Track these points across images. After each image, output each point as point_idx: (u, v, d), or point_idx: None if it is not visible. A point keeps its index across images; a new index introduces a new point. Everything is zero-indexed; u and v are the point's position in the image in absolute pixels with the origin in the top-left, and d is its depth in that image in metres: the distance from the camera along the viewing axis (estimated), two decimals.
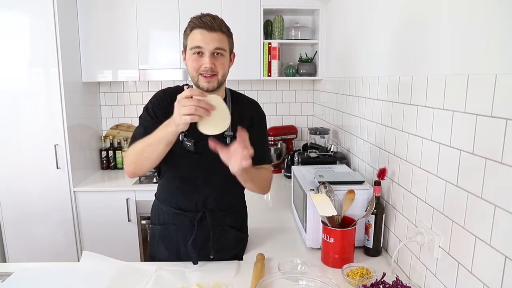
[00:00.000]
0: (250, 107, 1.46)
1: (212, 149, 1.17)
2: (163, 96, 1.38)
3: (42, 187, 2.52)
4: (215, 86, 1.28)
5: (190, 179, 1.38)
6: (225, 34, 1.27)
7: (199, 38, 1.23)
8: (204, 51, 1.23)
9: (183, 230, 1.40)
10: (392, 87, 1.45)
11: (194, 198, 1.39)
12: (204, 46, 1.22)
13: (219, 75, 1.27)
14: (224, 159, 1.14)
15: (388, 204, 1.49)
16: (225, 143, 1.32)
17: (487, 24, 0.91)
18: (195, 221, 1.38)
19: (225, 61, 1.28)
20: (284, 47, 3.00)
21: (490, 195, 0.89)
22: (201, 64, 1.23)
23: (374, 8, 1.69)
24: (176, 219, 1.42)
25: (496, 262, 0.86)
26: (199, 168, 1.36)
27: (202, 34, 1.23)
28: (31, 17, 2.34)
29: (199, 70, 1.24)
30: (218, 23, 1.24)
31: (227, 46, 1.28)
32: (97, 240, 2.63)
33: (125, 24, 2.66)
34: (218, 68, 1.25)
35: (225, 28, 1.27)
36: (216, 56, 1.25)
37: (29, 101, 2.42)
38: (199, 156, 1.34)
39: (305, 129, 3.11)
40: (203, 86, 1.26)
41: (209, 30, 1.22)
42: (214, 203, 1.40)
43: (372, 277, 1.21)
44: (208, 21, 1.23)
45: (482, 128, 0.91)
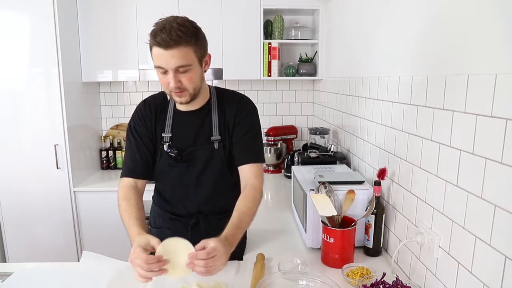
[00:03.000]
0: (234, 105, 1.35)
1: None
2: (143, 110, 1.35)
3: (42, 187, 2.52)
4: (188, 100, 1.23)
5: (180, 187, 1.38)
6: (188, 45, 1.13)
7: (158, 58, 1.14)
8: (167, 70, 1.15)
9: (178, 235, 1.38)
10: (392, 87, 1.45)
11: (186, 204, 1.40)
12: (165, 66, 1.14)
13: (190, 89, 1.20)
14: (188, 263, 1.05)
15: (388, 204, 1.49)
16: (213, 149, 1.32)
17: (487, 24, 0.91)
18: (189, 226, 1.38)
19: (193, 75, 1.19)
20: (284, 47, 3.00)
21: (490, 195, 0.89)
22: (168, 82, 1.17)
23: (375, 7, 1.69)
24: (170, 224, 1.43)
25: (496, 262, 0.86)
26: (188, 176, 1.35)
27: (160, 53, 1.13)
28: (31, 17, 2.34)
29: (167, 87, 1.19)
30: (175, 37, 1.10)
31: (193, 58, 1.17)
32: (97, 240, 2.63)
33: (125, 24, 2.66)
34: (185, 84, 1.18)
35: (186, 38, 1.12)
36: (181, 72, 1.16)
37: (29, 101, 2.42)
38: (186, 164, 1.34)
39: (305, 129, 3.11)
40: (177, 101, 1.24)
41: (166, 48, 1.11)
42: (207, 208, 1.39)
43: (372, 277, 1.21)
44: (164, 38, 1.10)
45: (482, 128, 0.91)
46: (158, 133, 1.35)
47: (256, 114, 1.39)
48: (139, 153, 1.33)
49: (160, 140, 1.34)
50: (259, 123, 1.40)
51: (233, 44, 2.71)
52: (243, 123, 1.34)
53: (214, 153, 1.33)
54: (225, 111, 1.34)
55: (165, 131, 1.33)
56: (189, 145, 1.33)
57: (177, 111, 1.34)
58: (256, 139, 1.37)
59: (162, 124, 1.34)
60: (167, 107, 1.35)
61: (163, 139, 1.33)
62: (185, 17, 1.18)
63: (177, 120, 1.34)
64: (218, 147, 1.32)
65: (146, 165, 1.34)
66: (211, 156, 1.33)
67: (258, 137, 1.38)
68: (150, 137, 1.34)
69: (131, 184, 1.32)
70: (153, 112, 1.35)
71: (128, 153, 1.35)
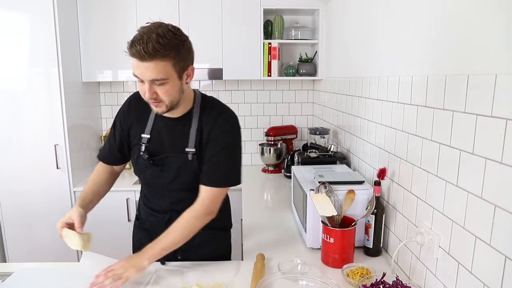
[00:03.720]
0: (211, 121, 1.29)
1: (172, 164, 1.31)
2: (127, 107, 1.40)
3: (42, 187, 2.52)
4: (164, 111, 1.20)
5: (155, 188, 1.42)
6: (165, 59, 1.09)
7: (135, 68, 1.11)
8: (143, 79, 1.12)
9: (155, 228, 1.41)
10: (392, 87, 1.45)
11: (161, 202, 1.42)
12: (140, 77, 1.12)
13: (166, 102, 1.17)
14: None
15: (388, 204, 1.49)
16: (186, 159, 1.30)
17: (487, 24, 0.91)
18: (163, 221, 1.40)
19: (170, 88, 1.14)
20: (284, 47, 3.00)
21: (490, 195, 0.89)
22: (144, 91, 1.15)
23: (375, 7, 1.69)
24: (150, 218, 1.47)
25: (496, 262, 0.86)
26: (161, 179, 1.36)
27: (136, 64, 1.10)
28: (31, 17, 2.34)
29: (144, 96, 1.17)
30: (151, 50, 1.05)
31: (170, 72, 1.11)
32: (97, 240, 2.61)
33: (125, 24, 2.66)
34: (161, 96, 1.15)
35: (163, 51, 1.07)
36: (158, 84, 1.13)
37: (29, 101, 2.42)
38: (159, 168, 1.34)
39: (305, 129, 3.10)
40: (154, 110, 1.23)
41: (141, 60, 1.08)
42: (180, 207, 1.36)
43: (372, 277, 1.21)
44: (139, 50, 1.06)
45: (482, 128, 0.91)
46: (137, 133, 1.35)
47: (233, 133, 1.32)
48: (111, 144, 1.42)
49: (139, 139, 1.35)
50: (235, 143, 1.32)
51: (233, 44, 2.71)
52: (216, 142, 1.28)
53: (187, 163, 1.31)
54: (203, 123, 1.29)
55: (144, 132, 1.34)
56: (163, 151, 1.32)
57: (159, 115, 1.29)
58: (225, 163, 1.30)
59: (143, 124, 1.34)
60: (151, 108, 1.28)
61: (141, 139, 1.34)
62: (170, 26, 1.12)
63: (157, 124, 1.33)
64: (192, 159, 1.30)
65: (116, 156, 1.43)
66: (184, 166, 1.31)
67: (228, 160, 1.31)
68: (124, 136, 1.39)
69: (108, 167, 1.46)
70: (135, 112, 1.37)
71: (107, 141, 1.45)
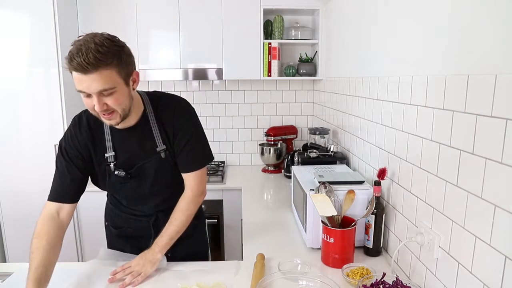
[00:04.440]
0: (169, 113, 1.30)
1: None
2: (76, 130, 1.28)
3: (42, 187, 2.50)
4: (119, 121, 1.17)
5: (135, 199, 1.40)
6: (109, 67, 1.06)
7: (79, 83, 1.06)
8: (89, 93, 1.08)
9: (140, 231, 1.43)
10: (392, 87, 1.45)
11: (144, 208, 1.42)
12: (86, 91, 1.07)
13: (119, 110, 1.14)
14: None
15: (388, 204, 1.49)
16: (160, 159, 1.31)
17: (487, 24, 0.91)
18: (150, 224, 1.41)
19: (119, 96, 1.12)
20: (284, 47, 3.00)
21: (490, 195, 0.89)
22: (93, 105, 1.10)
23: (375, 7, 1.69)
24: (131, 223, 1.46)
25: (496, 262, 0.86)
26: (141, 188, 1.35)
27: (79, 78, 1.05)
28: (31, 17, 2.34)
29: (94, 110, 1.12)
30: (93, 60, 1.02)
31: (116, 79, 1.09)
32: (97, 240, 2.62)
33: (125, 24, 2.66)
34: (112, 106, 1.11)
35: (106, 60, 1.05)
36: (106, 95, 1.09)
37: (29, 101, 2.42)
38: (137, 179, 1.33)
39: (305, 129, 3.10)
40: (107, 123, 1.18)
41: (85, 73, 1.03)
42: (165, 206, 1.40)
43: (372, 277, 1.21)
44: (80, 62, 1.01)
45: (482, 128, 0.91)
46: (98, 155, 1.29)
47: (193, 118, 1.35)
48: (69, 175, 1.26)
49: (104, 160, 1.29)
50: (198, 124, 1.36)
51: (233, 44, 2.71)
52: (182, 131, 1.30)
53: (162, 163, 1.32)
54: (162, 120, 1.29)
55: (107, 151, 1.28)
56: (135, 161, 1.30)
57: (114, 128, 1.26)
58: (198, 145, 1.34)
59: (102, 143, 1.28)
60: (103, 125, 1.27)
61: (107, 159, 1.29)
62: (105, 35, 1.10)
63: (117, 138, 1.29)
64: (165, 156, 1.31)
65: (75, 188, 1.28)
66: (160, 166, 1.32)
67: (199, 142, 1.35)
68: (82, 158, 1.28)
69: (52, 213, 1.25)
70: (87, 132, 1.28)
71: (57, 174, 1.28)
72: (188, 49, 2.69)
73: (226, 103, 3.07)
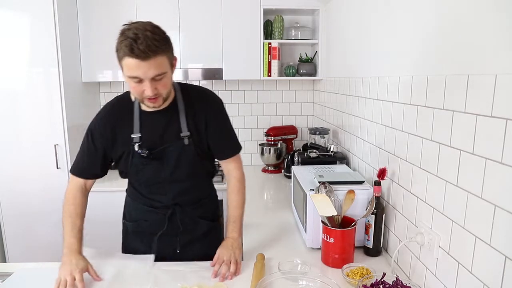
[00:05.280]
0: (202, 104, 1.37)
1: None
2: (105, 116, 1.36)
3: (42, 187, 2.52)
4: (161, 104, 1.26)
5: (155, 184, 1.41)
6: (163, 53, 1.14)
7: (135, 69, 1.12)
8: (142, 79, 1.14)
9: (155, 225, 1.44)
10: (392, 87, 1.45)
11: (162, 198, 1.43)
12: (141, 76, 1.13)
13: (163, 94, 1.22)
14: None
15: (388, 204, 1.49)
16: (183, 144, 1.34)
17: (487, 24, 0.91)
18: (166, 217, 1.43)
19: (167, 79, 1.20)
20: (284, 47, 3.00)
21: (490, 195, 0.89)
22: (143, 90, 1.16)
23: (375, 8, 1.69)
24: (147, 216, 1.47)
25: (496, 262, 0.86)
26: (162, 172, 1.38)
27: (136, 64, 1.11)
28: (31, 17, 2.34)
29: (141, 95, 1.19)
30: (153, 47, 1.09)
31: (167, 65, 1.17)
32: (97, 240, 2.62)
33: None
34: (161, 90, 1.19)
35: (162, 47, 1.12)
36: (157, 79, 1.16)
37: (29, 101, 2.42)
38: (159, 162, 1.36)
39: (305, 129, 3.10)
40: (149, 106, 1.25)
41: (144, 59, 1.10)
42: (182, 199, 1.44)
43: (372, 277, 1.21)
44: (143, 49, 1.08)
45: (482, 128, 0.91)
46: (125, 135, 1.34)
47: (224, 107, 1.45)
48: (90, 156, 1.36)
49: (130, 141, 1.33)
50: (227, 114, 1.46)
51: (233, 44, 2.71)
52: (217, 121, 1.39)
53: (185, 149, 1.35)
54: (194, 109, 1.36)
55: (134, 132, 1.33)
56: (159, 143, 1.34)
57: (143, 111, 1.34)
58: (230, 132, 1.46)
59: (130, 125, 1.34)
60: (133, 108, 1.34)
61: (133, 140, 1.33)
62: (151, 23, 1.15)
63: (145, 120, 1.34)
64: (189, 143, 1.35)
65: (96, 168, 1.39)
66: (183, 152, 1.36)
67: (231, 129, 1.47)
68: (107, 144, 1.35)
69: (80, 185, 1.40)
70: (116, 116, 1.35)
71: (81, 153, 1.39)
72: (188, 49, 2.69)
73: (226, 103, 3.03)
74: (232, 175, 1.47)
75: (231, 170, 1.47)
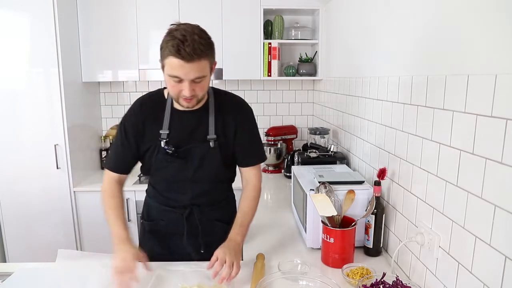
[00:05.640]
0: (233, 111, 1.39)
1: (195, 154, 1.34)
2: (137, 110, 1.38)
3: (42, 187, 2.52)
4: (195, 105, 1.29)
5: (176, 182, 1.42)
6: (207, 58, 1.17)
7: (177, 69, 1.15)
8: (183, 80, 1.17)
9: (172, 225, 1.45)
10: (392, 87, 1.45)
11: (181, 197, 1.43)
12: (182, 77, 1.16)
13: (199, 96, 1.25)
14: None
15: (388, 204, 1.49)
16: (208, 147, 1.35)
17: (487, 24, 0.91)
18: (183, 217, 1.43)
19: (206, 82, 1.24)
20: (284, 47, 3.00)
21: (490, 195, 0.89)
22: (181, 90, 1.20)
23: (375, 8, 1.69)
24: (165, 215, 1.47)
25: (496, 262, 0.86)
26: (184, 171, 1.38)
27: (180, 64, 1.13)
28: (31, 17, 2.34)
29: (179, 94, 1.22)
30: (199, 51, 1.12)
31: (207, 69, 1.20)
32: (97, 240, 2.63)
33: (125, 24, 2.66)
34: (198, 92, 1.22)
35: (206, 51, 1.16)
36: (196, 82, 1.19)
37: (29, 101, 2.42)
38: (183, 160, 1.36)
39: (305, 129, 3.10)
40: (183, 105, 1.27)
41: (188, 61, 1.12)
42: (201, 200, 1.44)
43: (372, 277, 1.21)
44: (189, 52, 1.11)
45: (482, 128, 0.91)
46: (153, 131, 1.36)
47: (254, 117, 1.46)
48: (125, 151, 1.38)
49: (157, 136, 1.35)
50: (256, 123, 1.47)
51: (233, 44, 2.71)
52: (245, 127, 1.41)
53: (210, 151, 1.36)
54: (224, 113, 1.37)
55: (162, 128, 1.35)
56: (185, 142, 1.36)
57: (175, 109, 1.36)
58: (258, 141, 1.47)
59: (159, 122, 1.36)
60: (165, 105, 1.37)
61: (160, 135, 1.35)
62: (199, 27, 1.19)
63: (175, 118, 1.36)
64: (214, 146, 1.36)
65: (130, 162, 1.42)
66: (207, 154, 1.37)
67: (259, 138, 1.48)
68: (138, 137, 1.37)
69: (117, 179, 1.41)
70: (148, 111, 1.37)
71: (115, 147, 1.42)
72: None
73: None
74: (251, 183, 1.45)
75: (251, 177, 1.45)
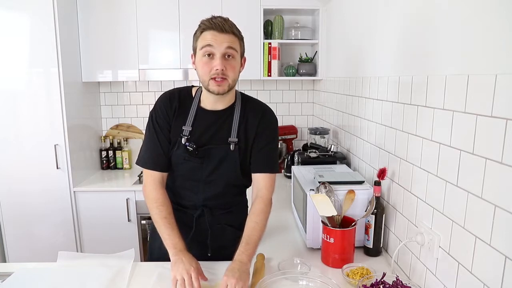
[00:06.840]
0: (258, 115, 1.39)
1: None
2: (166, 102, 1.37)
3: (42, 187, 2.52)
4: (225, 90, 1.27)
5: (191, 180, 1.40)
6: (237, 36, 1.26)
7: (210, 38, 1.22)
8: (215, 52, 1.22)
9: (182, 226, 1.41)
10: (392, 87, 1.45)
11: (193, 197, 1.41)
12: (215, 46, 1.21)
13: (230, 79, 1.25)
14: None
15: (388, 204, 1.49)
16: (228, 149, 1.34)
17: (487, 24, 0.91)
18: (194, 218, 1.41)
19: (236, 64, 1.27)
20: (284, 47, 3.00)
21: (490, 195, 0.89)
22: (212, 66, 1.22)
23: (375, 8, 1.69)
24: (176, 214, 1.43)
25: (496, 262, 0.86)
26: (201, 171, 1.37)
27: (213, 35, 1.21)
28: (31, 17, 2.34)
29: (210, 73, 1.23)
30: (229, 25, 1.24)
31: (239, 48, 1.27)
32: (97, 240, 2.63)
33: (125, 24, 2.66)
34: (228, 71, 1.24)
35: (236, 30, 1.26)
36: (227, 58, 1.24)
37: (29, 101, 2.42)
38: (201, 160, 1.35)
39: (305, 129, 3.11)
40: (213, 90, 1.26)
41: (220, 31, 1.21)
42: (213, 203, 1.42)
43: (372, 277, 1.21)
44: (220, 22, 1.21)
45: (482, 128, 0.91)
46: (177, 125, 1.36)
47: (277, 127, 1.45)
48: (161, 146, 1.36)
49: (179, 132, 1.35)
50: (277, 134, 1.46)
51: None
52: (266, 134, 1.39)
53: (229, 154, 1.35)
54: (248, 118, 1.37)
55: (186, 124, 1.35)
56: (206, 142, 1.35)
57: (201, 108, 1.36)
58: (275, 151, 1.44)
59: (184, 117, 1.35)
60: (191, 102, 1.37)
61: (182, 131, 1.34)
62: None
63: (199, 117, 1.36)
64: (234, 149, 1.35)
65: (166, 158, 1.37)
66: (226, 156, 1.36)
67: (277, 149, 1.46)
68: (169, 129, 1.36)
69: (159, 180, 1.37)
70: (176, 104, 1.37)
71: (150, 144, 1.37)
72: (188, 49, 2.67)
73: None
74: (261, 195, 1.37)
75: (261, 189, 1.38)
